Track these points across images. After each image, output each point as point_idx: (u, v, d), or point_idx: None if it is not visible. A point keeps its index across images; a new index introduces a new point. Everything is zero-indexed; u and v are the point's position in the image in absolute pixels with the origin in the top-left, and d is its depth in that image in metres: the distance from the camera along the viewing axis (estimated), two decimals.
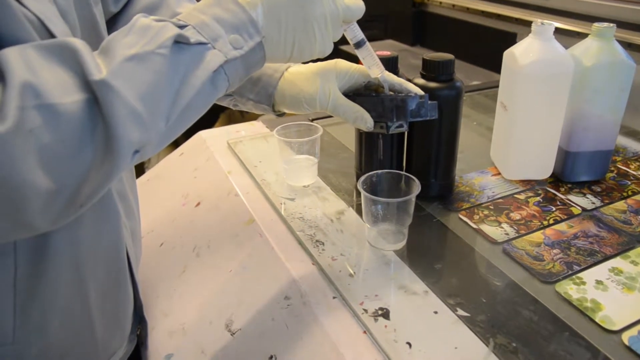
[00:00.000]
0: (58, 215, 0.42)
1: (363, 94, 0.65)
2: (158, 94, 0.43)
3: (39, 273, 0.51)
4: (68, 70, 0.40)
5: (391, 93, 0.64)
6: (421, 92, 0.65)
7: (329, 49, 0.56)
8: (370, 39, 0.61)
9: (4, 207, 0.38)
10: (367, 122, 0.63)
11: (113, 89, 0.40)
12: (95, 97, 0.40)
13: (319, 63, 0.64)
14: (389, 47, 2.03)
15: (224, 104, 0.68)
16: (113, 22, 0.66)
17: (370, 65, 0.62)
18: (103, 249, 0.57)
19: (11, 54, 0.39)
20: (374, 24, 2.30)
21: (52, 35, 0.45)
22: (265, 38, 0.51)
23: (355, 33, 0.60)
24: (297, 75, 0.64)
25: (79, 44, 0.41)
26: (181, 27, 0.46)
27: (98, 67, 0.41)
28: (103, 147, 0.40)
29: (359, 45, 0.61)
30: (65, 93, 0.39)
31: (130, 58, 0.42)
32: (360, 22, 0.60)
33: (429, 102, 0.64)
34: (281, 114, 0.69)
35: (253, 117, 1.10)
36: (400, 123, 0.64)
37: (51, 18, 0.46)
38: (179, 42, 0.45)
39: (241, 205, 0.82)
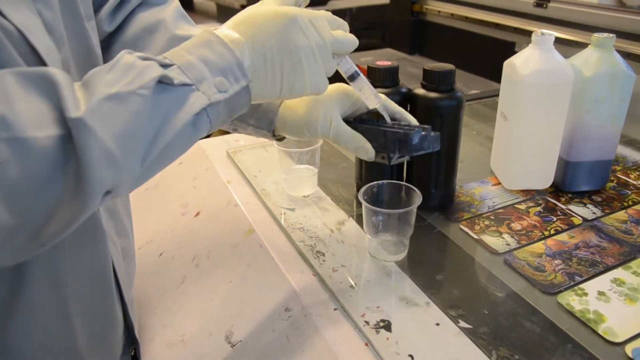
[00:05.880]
0: (17, 252, 0.40)
1: (365, 120, 0.65)
2: (135, 135, 0.42)
3: (16, 295, 0.49)
4: (46, 102, 0.38)
5: (392, 121, 0.64)
6: (414, 123, 0.65)
7: (323, 85, 0.55)
8: (369, 47, 0.61)
9: None
10: (368, 152, 0.62)
11: (89, 128, 0.38)
12: (70, 133, 0.38)
13: None
14: (388, 56, 2.04)
15: (223, 128, 0.67)
16: (109, 43, 0.65)
17: (367, 97, 0.61)
18: (87, 270, 0.55)
19: None
20: (373, 33, 2.31)
21: (33, 50, 0.44)
22: (252, 81, 0.50)
23: (347, 66, 0.58)
24: (298, 101, 0.63)
25: (60, 76, 0.40)
26: (166, 66, 0.45)
27: (76, 104, 0.39)
28: (72, 186, 0.39)
29: (352, 78, 0.59)
30: (39, 127, 0.37)
31: (110, 97, 0.40)
32: (359, 31, 0.58)
33: (432, 133, 0.62)
34: (281, 139, 0.68)
35: None
36: (402, 155, 0.63)
37: (34, 31, 0.44)
38: (163, 82, 0.44)
39: (241, 215, 0.82)
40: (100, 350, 0.60)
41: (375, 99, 0.61)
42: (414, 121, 0.65)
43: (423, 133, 0.62)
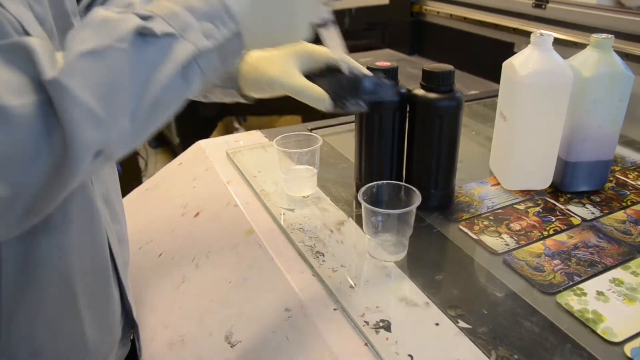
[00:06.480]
0: (14, 223, 0.40)
1: (323, 75, 0.65)
2: (118, 91, 0.40)
3: (27, 282, 0.51)
4: (21, 70, 0.38)
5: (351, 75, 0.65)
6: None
7: (308, 34, 0.55)
8: (369, 48, 0.62)
9: None
10: (325, 102, 0.62)
11: (65, 88, 0.38)
12: (48, 98, 0.38)
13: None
14: (387, 57, 2.04)
15: (192, 96, 0.68)
16: None
17: (334, 45, 0.62)
18: (89, 254, 0.57)
19: None
20: (372, 33, 2.31)
21: None
22: (243, 26, 0.47)
23: (324, 14, 0.58)
24: (258, 59, 0.64)
25: (36, 43, 0.39)
26: (146, 17, 0.43)
27: (53, 66, 0.38)
28: (60, 150, 0.38)
29: (325, 25, 0.59)
30: (16, 95, 0.37)
31: (86, 54, 0.39)
32: (359, 32, 0.60)
33: (386, 82, 0.64)
34: (250, 99, 0.68)
35: (252, 126, 1.10)
36: (357, 103, 0.63)
37: (29, 22, 0.45)
38: (144, 35, 0.42)
39: (241, 215, 0.82)
40: (102, 332, 0.62)
41: (340, 49, 0.62)
42: (368, 73, 0.66)
43: (376, 79, 0.63)
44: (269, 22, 0.50)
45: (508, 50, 1.50)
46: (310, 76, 0.65)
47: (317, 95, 0.62)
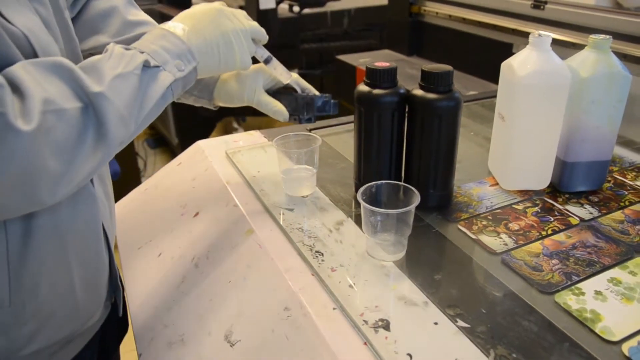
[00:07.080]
0: (62, 192, 0.53)
1: (282, 92, 0.82)
2: (133, 103, 0.57)
3: (27, 245, 0.60)
4: (66, 84, 0.52)
5: (302, 92, 0.82)
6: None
7: (249, 62, 0.73)
8: (367, 48, 0.64)
9: (23, 187, 0.50)
10: (283, 114, 0.80)
11: (108, 99, 0.54)
12: (88, 105, 0.52)
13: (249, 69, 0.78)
14: (386, 57, 2.04)
15: None
16: None
17: (280, 74, 0.80)
18: (82, 225, 0.66)
19: (18, 70, 0.49)
20: (371, 34, 2.31)
21: (33, 49, 0.53)
22: (198, 62, 0.66)
23: (262, 53, 0.77)
24: (231, 76, 0.81)
25: (70, 63, 0.53)
26: (141, 53, 0.60)
27: (93, 82, 0.53)
28: (95, 142, 0.53)
29: (267, 61, 0.78)
30: (67, 101, 0.51)
31: (117, 76, 0.56)
32: (358, 32, 0.62)
33: (332, 101, 0.82)
34: (216, 107, 0.85)
35: (251, 127, 1.10)
36: (309, 117, 0.81)
37: (35, 32, 0.54)
38: (145, 66, 0.59)
39: (240, 215, 0.82)
40: (91, 292, 0.70)
41: (287, 75, 0.80)
42: (318, 94, 0.83)
43: (325, 99, 0.81)
44: (216, 59, 0.69)
45: (506, 50, 1.51)
46: (271, 93, 0.81)
47: (276, 109, 0.80)
